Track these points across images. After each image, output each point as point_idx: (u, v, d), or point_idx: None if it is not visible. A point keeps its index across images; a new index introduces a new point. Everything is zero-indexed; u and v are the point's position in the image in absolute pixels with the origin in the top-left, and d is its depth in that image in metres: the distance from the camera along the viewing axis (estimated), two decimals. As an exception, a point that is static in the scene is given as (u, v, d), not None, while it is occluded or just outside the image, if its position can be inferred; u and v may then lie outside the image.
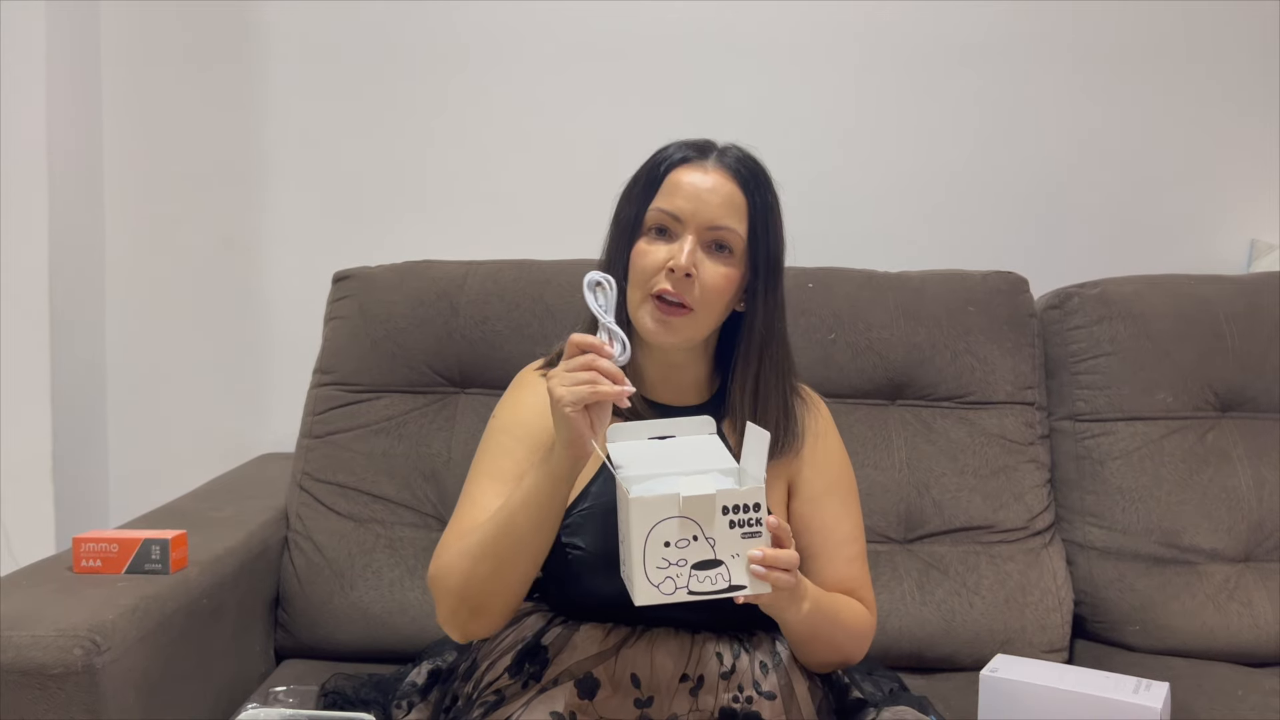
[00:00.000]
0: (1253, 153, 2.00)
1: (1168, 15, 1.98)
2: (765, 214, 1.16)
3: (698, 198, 1.14)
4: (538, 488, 1.07)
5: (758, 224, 1.15)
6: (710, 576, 0.99)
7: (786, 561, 1.00)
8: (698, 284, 1.12)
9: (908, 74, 2.00)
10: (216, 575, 1.42)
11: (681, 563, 0.98)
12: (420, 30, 2.01)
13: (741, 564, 0.99)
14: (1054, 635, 1.59)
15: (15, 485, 1.89)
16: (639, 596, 0.98)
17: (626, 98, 2.00)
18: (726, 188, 1.14)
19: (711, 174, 1.15)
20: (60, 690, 1.12)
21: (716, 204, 1.13)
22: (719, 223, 1.13)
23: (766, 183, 1.18)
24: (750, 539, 0.99)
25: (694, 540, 0.98)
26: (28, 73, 1.86)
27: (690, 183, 1.14)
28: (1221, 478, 1.65)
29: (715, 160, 1.16)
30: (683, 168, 1.16)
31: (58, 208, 1.91)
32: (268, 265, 2.06)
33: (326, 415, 1.70)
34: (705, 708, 1.11)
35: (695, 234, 1.13)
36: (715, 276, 1.13)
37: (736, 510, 0.99)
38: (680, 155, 1.17)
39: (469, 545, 1.11)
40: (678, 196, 1.14)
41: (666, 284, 1.12)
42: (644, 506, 0.98)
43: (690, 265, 1.11)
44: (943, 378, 1.69)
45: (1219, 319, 1.71)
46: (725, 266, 1.14)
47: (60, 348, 1.92)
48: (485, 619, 1.13)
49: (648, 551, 0.98)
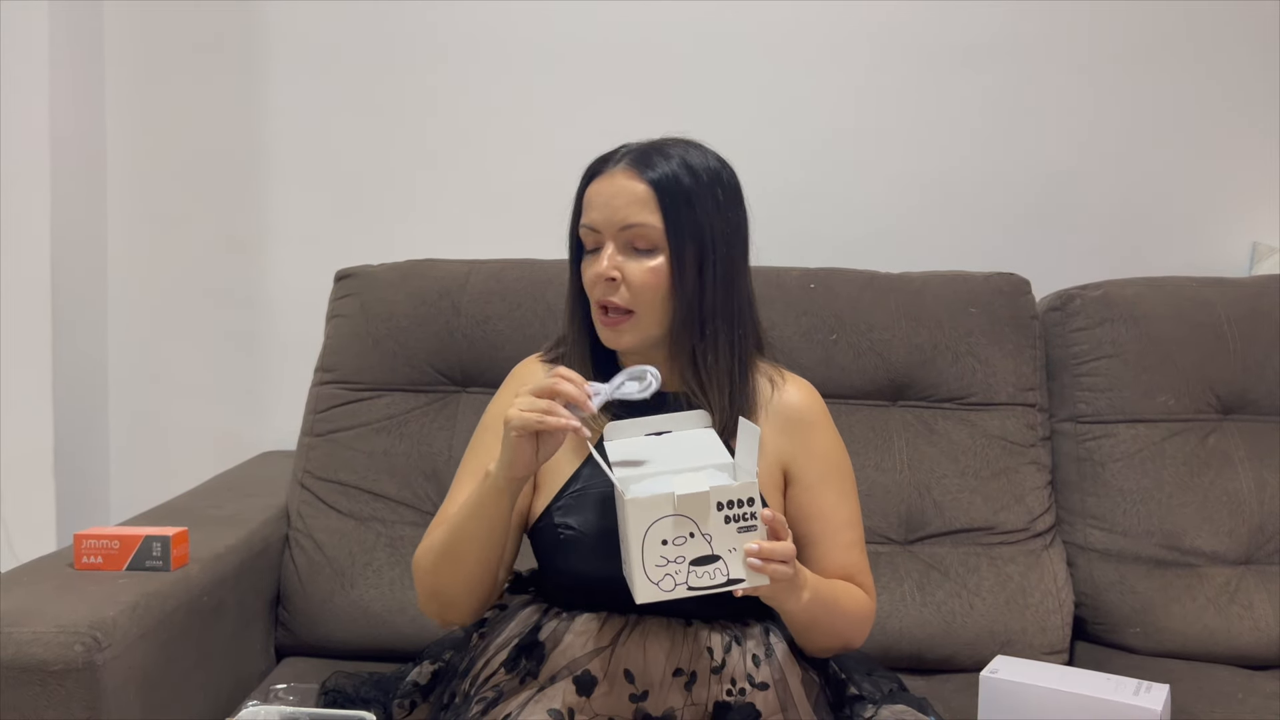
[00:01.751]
0: (1255, 155, 2.00)
1: (1170, 17, 1.98)
2: (676, 197, 1.15)
3: (605, 204, 1.16)
4: (480, 499, 1.12)
5: (668, 210, 1.15)
6: (709, 572, 1.00)
7: (783, 554, 1.01)
8: (625, 286, 1.15)
9: (910, 75, 2.00)
10: (217, 573, 1.43)
11: (680, 560, 0.99)
12: (424, 29, 2.01)
13: (739, 558, 1.00)
14: (1054, 637, 1.59)
15: (17, 481, 1.90)
16: (640, 595, 0.99)
17: (630, 97, 2.00)
18: (629, 185, 1.15)
19: (616, 177, 1.17)
20: (61, 687, 1.13)
21: (621, 204, 1.15)
22: (628, 221, 1.15)
23: (685, 166, 1.16)
24: (746, 533, 1.00)
25: (690, 537, 0.99)
26: (31, 70, 1.86)
27: (598, 192, 1.17)
28: (1223, 480, 1.65)
29: (620, 163, 1.17)
30: (594, 181, 1.19)
31: (60, 205, 1.91)
32: (270, 263, 2.06)
33: (328, 414, 1.70)
34: (700, 701, 1.11)
35: (612, 240, 1.16)
36: (639, 273, 1.15)
37: (731, 505, 1.00)
38: (593, 170, 1.20)
39: (433, 541, 1.18)
40: (591, 209, 1.18)
41: (599, 295, 1.16)
42: (640, 506, 0.99)
43: (611, 270, 1.14)
44: (944, 379, 1.69)
45: (1221, 321, 1.71)
46: (649, 261, 1.15)
47: (62, 344, 1.93)
48: (456, 609, 1.20)
49: (646, 550, 0.98)
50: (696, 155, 1.18)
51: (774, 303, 1.67)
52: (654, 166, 1.16)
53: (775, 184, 1.97)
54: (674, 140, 1.20)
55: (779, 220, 1.96)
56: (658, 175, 1.15)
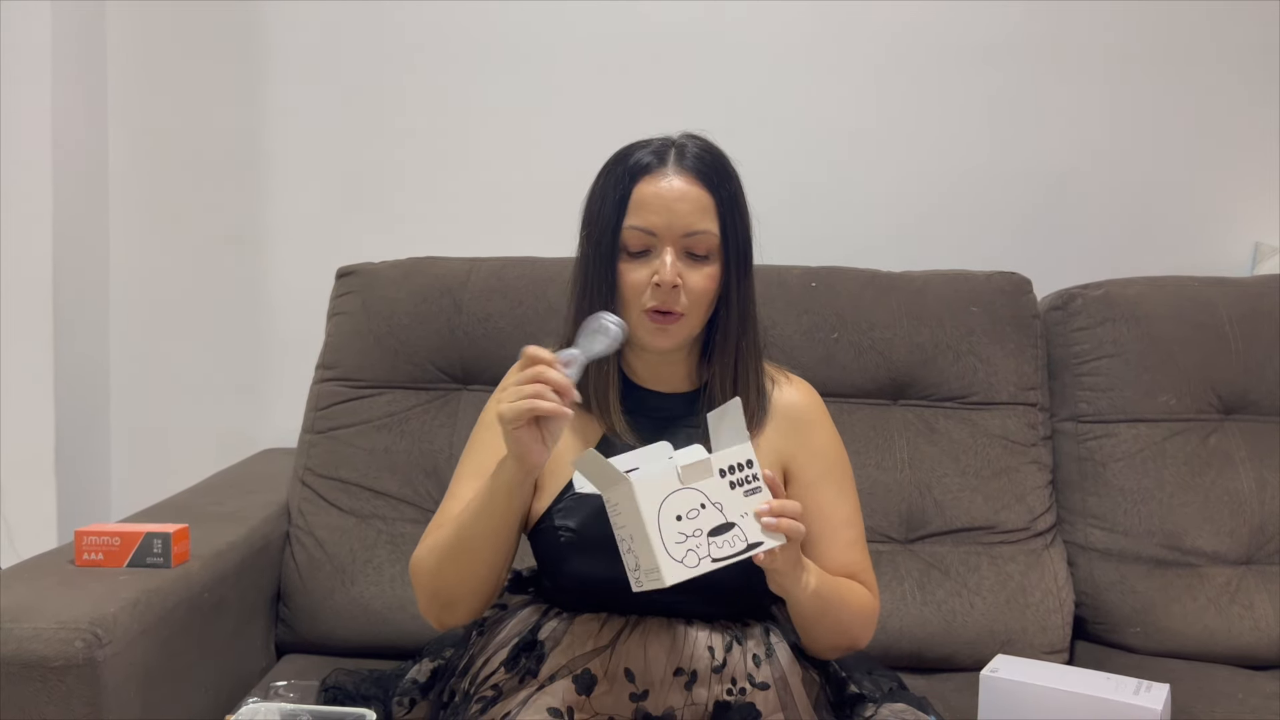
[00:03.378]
0: (1257, 155, 2.00)
1: (1172, 18, 1.97)
2: (732, 207, 1.17)
3: (668, 209, 1.13)
4: (492, 496, 1.11)
5: (727, 219, 1.16)
6: (728, 540, 1.00)
7: (793, 510, 1.03)
8: (684, 293, 1.14)
9: (912, 76, 2.00)
10: (218, 570, 1.43)
11: (697, 533, 1.00)
12: (426, 27, 2.01)
13: (752, 521, 1.01)
14: (1055, 636, 1.59)
15: (18, 478, 1.90)
16: (669, 576, 0.98)
17: (633, 96, 2.00)
18: (693, 191, 1.14)
19: (676, 179, 1.14)
20: (61, 683, 1.13)
21: (687, 211, 1.14)
22: (693, 229, 1.14)
23: (728, 172, 1.18)
24: (753, 495, 1.02)
25: (702, 509, 1.00)
26: (33, 69, 1.86)
27: (657, 194, 1.14)
28: (1224, 480, 1.65)
29: (675, 163, 1.15)
30: (646, 179, 1.15)
31: (62, 202, 1.91)
32: (271, 261, 2.06)
33: (329, 411, 1.70)
34: (700, 700, 1.11)
35: (672, 245, 1.14)
36: (699, 280, 1.14)
37: (733, 470, 1.02)
38: (642, 163, 1.16)
39: (436, 541, 1.16)
40: (648, 211, 1.14)
41: (655, 300, 1.14)
42: (647, 486, 0.99)
43: (675, 278, 1.13)
44: (945, 378, 1.69)
45: (1222, 321, 1.71)
46: (706, 267, 1.15)
47: (64, 341, 1.93)
48: (456, 611, 1.19)
49: (663, 530, 0.99)
50: (724, 156, 1.19)
51: (775, 301, 1.68)
52: (715, 172, 1.16)
53: (778, 183, 1.97)
54: (706, 141, 1.19)
55: (781, 219, 1.95)
56: (720, 185, 1.15)
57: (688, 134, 1.20)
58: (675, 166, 1.15)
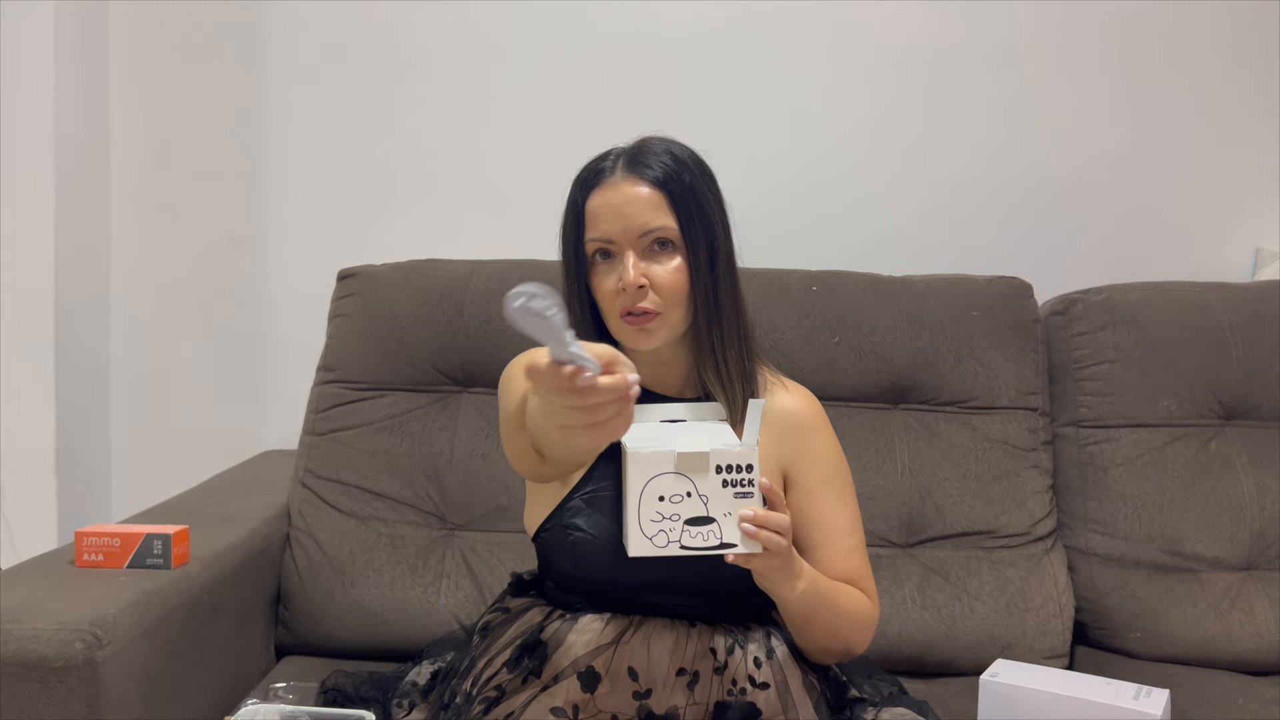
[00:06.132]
0: (1258, 161, 2.00)
1: (1173, 23, 1.98)
2: (689, 197, 1.16)
3: (618, 214, 1.14)
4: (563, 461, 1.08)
5: (682, 210, 1.15)
6: (702, 533, 1.01)
7: (777, 524, 1.02)
8: (652, 290, 1.14)
9: (913, 80, 2.00)
10: (218, 571, 1.43)
11: (675, 517, 1.00)
12: (427, 29, 2.02)
13: (733, 523, 1.01)
14: (1055, 641, 1.59)
15: (18, 478, 1.90)
16: (632, 548, 1.00)
17: (634, 98, 2.00)
18: (642, 192, 1.15)
19: (624, 185, 1.15)
20: (61, 684, 1.13)
21: (638, 212, 1.14)
22: (648, 227, 1.14)
23: (682, 163, 1.17)
24: (743, 499, 1.02)
25: (687, 496, 1.01)
26: (35, 69, 1.87)
27: (606, 203, 1.15)
28: (1224, 486, 1.65)
29: (623, 170, 1.16)
30: (596, 191, 1.16)
31: (64, 203, 1.91)
32: (272, 263, 2.06)
33: (329, 413, 1.70)
34: (701, 700, 1.11)
35: (632, 248, 1.14)
36: (666, 274, 1.14)
37: (730, 470, 1.01)
38: (591, 176, 1.17)
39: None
40: (601, 221, 1.15)
41: (624, 303, 1.14)
42: (640, 460, 1.00)
43: (638, 279, 1.13)
44: (946, 382, 1.69)
45: (1223, 327, 1.71)
46: (671, 260, 1.15)
47: (65, 342, 1.93)
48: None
49: (643, 505, 1.00)
50: (679, 149, 1.19)
51: (776, 305, 1.68)
52: (651, 166, 1.16)
53: (778, 187, 1.98)
54: (659, 139, 1.20)
55: (781, 223, 1.98)
56: (660, 175, 1.15)
57: (643, 137, 1.20)
58: (622, 172, 1.16)
